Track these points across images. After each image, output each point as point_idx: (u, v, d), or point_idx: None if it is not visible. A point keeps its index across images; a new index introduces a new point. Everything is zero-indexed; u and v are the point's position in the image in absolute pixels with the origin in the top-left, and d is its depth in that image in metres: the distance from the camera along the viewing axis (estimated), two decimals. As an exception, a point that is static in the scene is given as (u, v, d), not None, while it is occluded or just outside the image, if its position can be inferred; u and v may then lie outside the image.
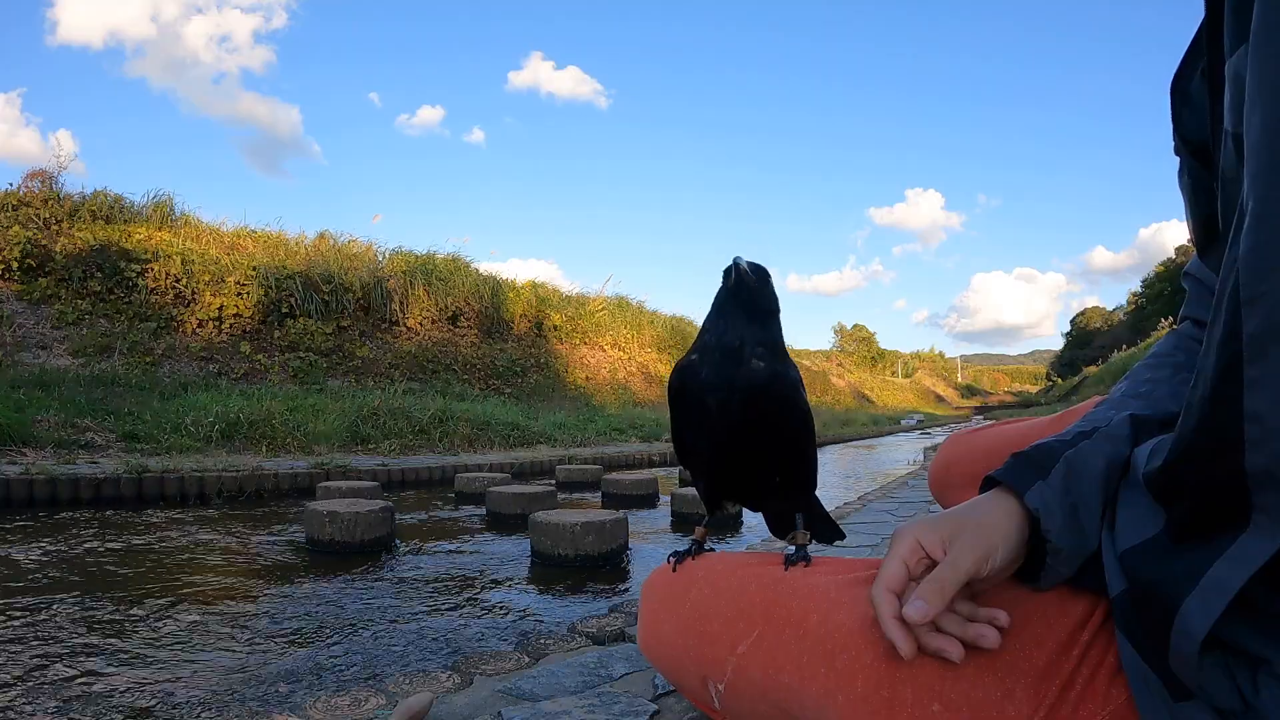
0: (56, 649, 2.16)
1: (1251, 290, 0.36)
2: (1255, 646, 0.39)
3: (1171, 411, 0.53)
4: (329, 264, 11.80)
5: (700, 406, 0.68)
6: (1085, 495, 0.49)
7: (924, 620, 0.45)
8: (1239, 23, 0.39)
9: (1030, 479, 0.49)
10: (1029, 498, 0.49)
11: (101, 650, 2.15)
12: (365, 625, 2.44)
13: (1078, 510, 0.49)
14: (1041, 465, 0.50)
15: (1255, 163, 0.36)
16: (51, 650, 2.15)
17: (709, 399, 0.67)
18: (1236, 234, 0.38)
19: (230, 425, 6.88)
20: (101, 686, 1.88)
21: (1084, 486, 0.49)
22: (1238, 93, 0.38)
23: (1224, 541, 0.40)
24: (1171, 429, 0.52)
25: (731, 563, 0.68)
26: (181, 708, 1.76)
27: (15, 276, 9.26)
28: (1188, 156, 0.51)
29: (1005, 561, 0.49)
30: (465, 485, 5.61)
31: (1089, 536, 0.49)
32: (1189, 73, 0.51)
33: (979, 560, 0.47)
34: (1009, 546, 0.48)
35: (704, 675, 0.62)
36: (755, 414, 0.66)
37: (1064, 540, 0.48)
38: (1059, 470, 0.50)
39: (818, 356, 40.85)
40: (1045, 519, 0.48)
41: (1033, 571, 0.51)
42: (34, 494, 4.73)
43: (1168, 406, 0.54)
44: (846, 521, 3.60)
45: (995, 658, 0.48)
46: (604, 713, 1.29)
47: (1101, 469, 0.50)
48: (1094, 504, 0.49)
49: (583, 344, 15.06)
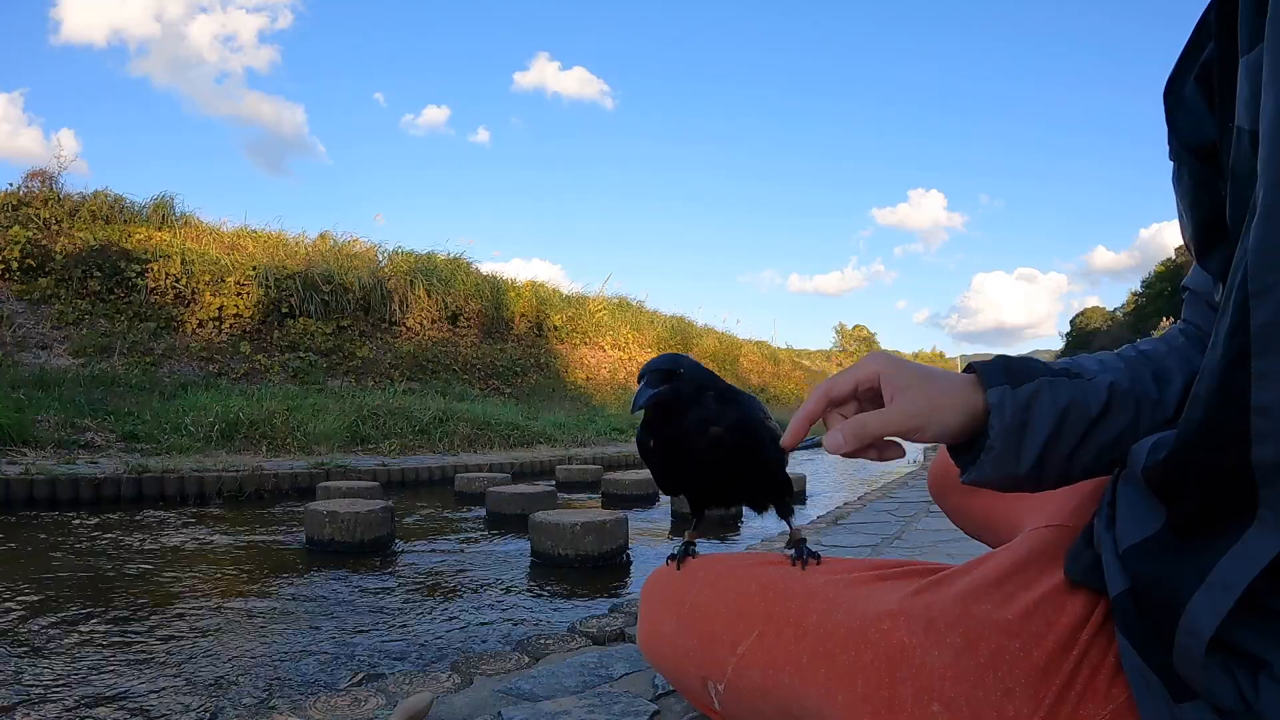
0: (55, 649, 2.16)
1: (1260, 281, 0.36)
2: (1257, 648, 0.39)
3: (1147, 393, 0.55)
4: (329, 264, 11.81)
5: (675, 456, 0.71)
6: (1038, 419, 0.51)
7: (836, 453, 0.51)
8: (1255, 21, 0.39)
9: (1002, 381, 0.52)
10: (991, 394, 0.51)
11: (100, 650, 2.15)
12: (365, 625, 2.44)
13: (1025, 428, 0.51)
14: (1017, 376, 0.52)
15: (1266, 151, 0.36)
16: (50, 650, 2.15)
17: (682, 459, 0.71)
18: (1247, 227, 0.37)
19: (230, 425, 6.89)
20: (101, 686, 1.88)
21: (1042, 412, 0.52)
22: (1254, 89, 0.38)
23: (1229, 538, 0.40)
24: (1140, 412, 0.54)
25: (731, 563, 0.69)
26: (181, 707, 1.76)
27: (15, 276, 9.26)
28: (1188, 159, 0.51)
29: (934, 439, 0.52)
30: (465, 485, 5.61)
31: (1023, 455, 0.52)
32: (1183, 77, 0.51)
33: (910, 424, 0.51)
34: (943, 426, 0.52)
35: (704, 675, 0.62)
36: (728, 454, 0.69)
37: (999, 442, 0.51)
38: (1029, 387, 0.52)
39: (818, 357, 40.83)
40: (995, 415, 0.51)
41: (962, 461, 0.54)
42: (34, 494, 4.73)
43: (1146, 386, 0.55)
44: (846, 521, 3.60)
45: (995, 657, 0.48)
46: (604, 713, 1.29)
47: (1064, 405, 0.52)
48: (1041, 430, 0.52)
49: (583, 344, 15.06)
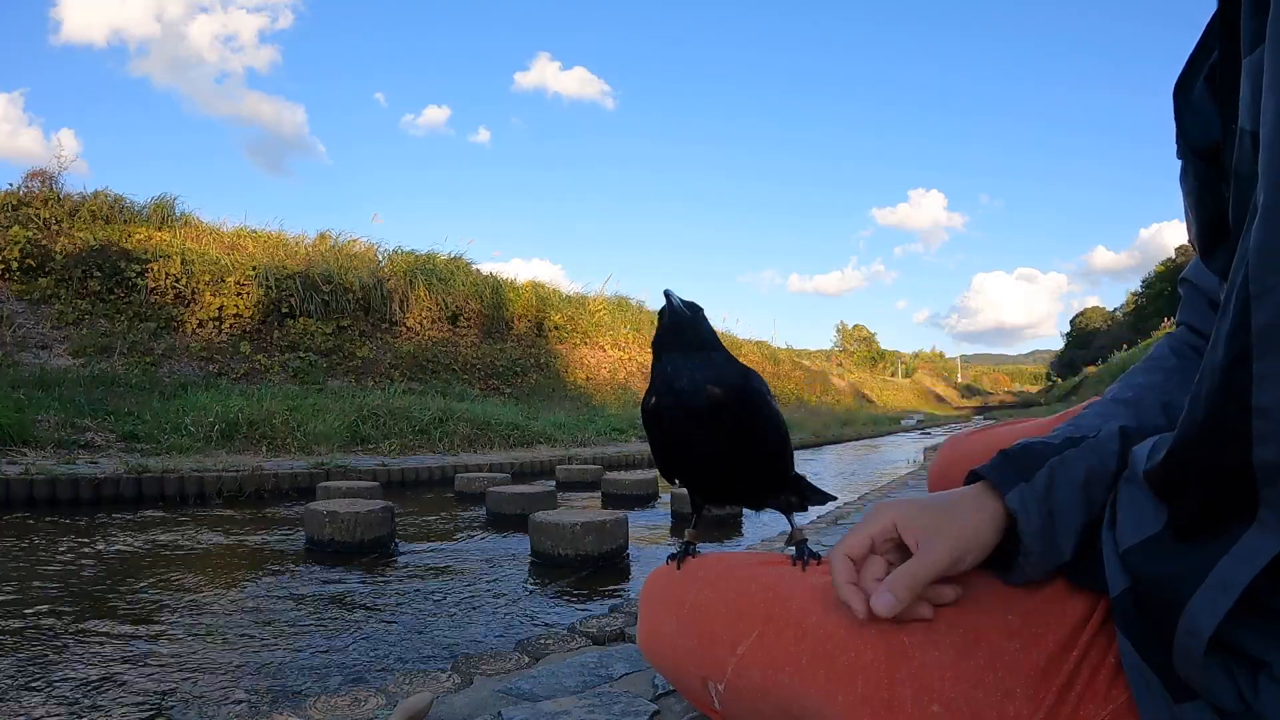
0: (55, 648, 2.16)
1: (1260, 283, 0.36)
2: (1257, 648, 0.39)
3: (1159, 425, 0.53)
4: (329, 264, 11.81)
5: (675, 430, 0.70)
6: (1064, 504, 0.50)
7: (891, 614, 0.47)
8: (1257, 22, 0.39)
9: (1013, 480, 0.51)
10: (1010, 499, 0.50)
11: (100, 650, 2.15)
12: (365, 625, 2.44)
13: (1054, 517, 0.50)
14: (1026, 468, 0.51)
15: (1267, 153, 0.36)
16: (51, 650, 2.15)
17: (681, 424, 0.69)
18: (1248, 228, 0.37)
19: (230, 425, 6.88)
20: (101, 686, 1.88)
21: (1064, 495, 0.50)
22: (1255, 91, 0.38)
23: (1229, 538, 0.40)
24: None
25: (731, 563, 0.68)
26: (181, 707, 1.76)
27: (15, 276, 9.27)
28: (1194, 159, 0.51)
29: (975, 562, 0.50)
30: (465, 485, 5.61)
31: (1062, 545, 0.50)
32: (1192, 77, 0.51)
33: (953, 560, 0.49)
34: (982, 548, 0.50)
35: (704, 676, 0.62)
36: (729, 426, 0.68)
37: (1037, 544, 0.50)
38: (1043, 475, 0.51)
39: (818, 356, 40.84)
40: (1023, 521, 0.49)
41: (1002, 565, 0.52)
42: (34, 494, 4.73)
43: (1156, 419, 0.55)
44: (846, 521, 3.61)
45: (995, 657, 0.48)
46: (604, 713, 1.29)
47: (1082, 480, 0.51)
48: (1072, 514, 0.50)
49: (583, 344, 15.06)
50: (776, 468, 0.73)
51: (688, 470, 0.73)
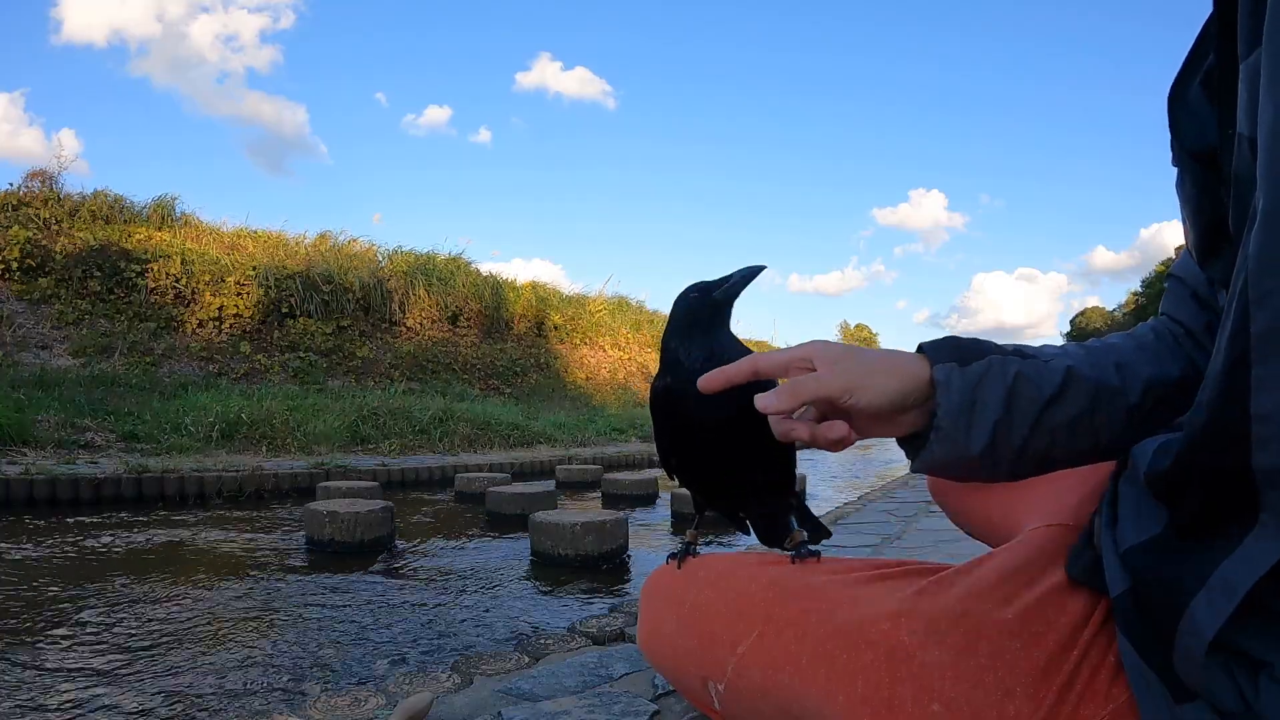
0: (55, 649, 2.16)
1: (1259, 288, 0.36)
2: (1258, 650, 0.39)
3: (1108, 381, 0.54)
4: (329, 264, 11.81)
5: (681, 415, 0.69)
6: (990, 400, 0.51)
7: (764, 410, 0.51)
8: (1254, 26, 0.39)
9: (948, 358, 0.51)
10: (937, 370, 0.51)
11: (100, 650, 2.15)
12: (365, 625, 2.44)
13: (974, 407, 0.51)
14: (965, 355, 0.52)
15: (1265, 157, 0.36)
16: (50, 650, 2.15)
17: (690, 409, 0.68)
18: (1247, 233, 0.37)
19: (230, 425, 6.89)
20: (101, 687, 1.88)
21: (993, 392, 0.51)
22: (1252, 95, 0.38)
23: (1231, 541, 0.40)
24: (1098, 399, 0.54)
25: (731, 563, 0.68)
26: (182, 707, 1.76)
27: (15, 276, 9.27)
28: (1191, 164, 0.51)
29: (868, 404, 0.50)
30: (465, 485, 5.61)
31: (974, 437, 0.51)
32: (1187, 82, 0.51)
33: (844, 389, 0.50)
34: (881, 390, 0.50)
35: (704, 676, 0.62)
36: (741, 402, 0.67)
37: (949, 420, 0.50)
38: (978, 367, 0.51)
39: (818, 356, 40.76)
40: (942, 393, 0.50)
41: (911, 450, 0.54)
42: (34, 494, 4.74)
43: (1108, 376, 0.55)
44: (847, 521, 3.60)
45: (995, 657, 0.48)
46: (604, 713, 1.29)
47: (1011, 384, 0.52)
48: (991, 412, 0.51)
49: (583, 344, 15.06)
50: (779, 461, 0.73)
51: (692, 456, 0.72)
